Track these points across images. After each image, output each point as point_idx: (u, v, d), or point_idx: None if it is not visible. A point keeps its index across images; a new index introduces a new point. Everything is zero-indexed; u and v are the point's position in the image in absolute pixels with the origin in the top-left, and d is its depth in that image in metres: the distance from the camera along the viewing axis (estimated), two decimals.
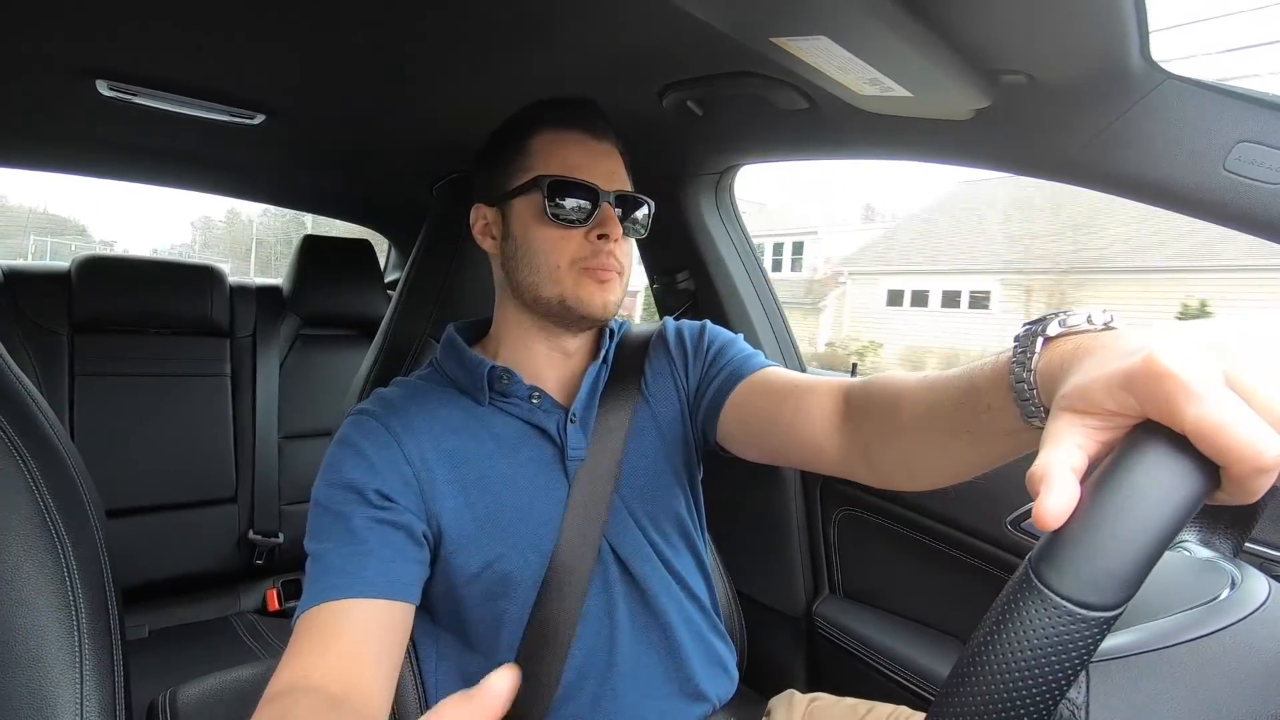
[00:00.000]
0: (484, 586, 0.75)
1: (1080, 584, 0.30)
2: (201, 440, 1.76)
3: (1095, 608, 0.29)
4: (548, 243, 0.78)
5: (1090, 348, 0.38)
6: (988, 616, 0.32)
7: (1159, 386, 0.30)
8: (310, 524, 0.71)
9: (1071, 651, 0.29)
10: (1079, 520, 0.31)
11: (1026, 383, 0.43)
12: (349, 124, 1.32)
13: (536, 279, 0.78)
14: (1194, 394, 0.29)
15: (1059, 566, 0.30)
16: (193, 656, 1.55)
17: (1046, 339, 0.42)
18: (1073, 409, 0.35)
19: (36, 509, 0.61)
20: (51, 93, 1.17)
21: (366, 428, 0.74)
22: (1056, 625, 0.29)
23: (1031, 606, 0.30)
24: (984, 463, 0.55)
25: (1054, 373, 0.40)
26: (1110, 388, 0.33)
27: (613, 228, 0.78)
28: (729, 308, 1.36)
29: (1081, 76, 0.71)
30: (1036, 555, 0.31)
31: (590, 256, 0.77)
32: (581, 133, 0.80)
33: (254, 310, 1.87)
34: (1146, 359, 0.31)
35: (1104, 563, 0.30)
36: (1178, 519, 0.30)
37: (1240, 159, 0.69)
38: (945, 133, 0.88)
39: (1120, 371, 0.33)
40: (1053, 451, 0.34)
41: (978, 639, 0.31)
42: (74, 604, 0.60)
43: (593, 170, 0.78)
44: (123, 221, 42.49)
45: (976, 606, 0.36)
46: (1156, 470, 0.30)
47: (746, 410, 0.79)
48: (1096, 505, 0.31)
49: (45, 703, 0.56)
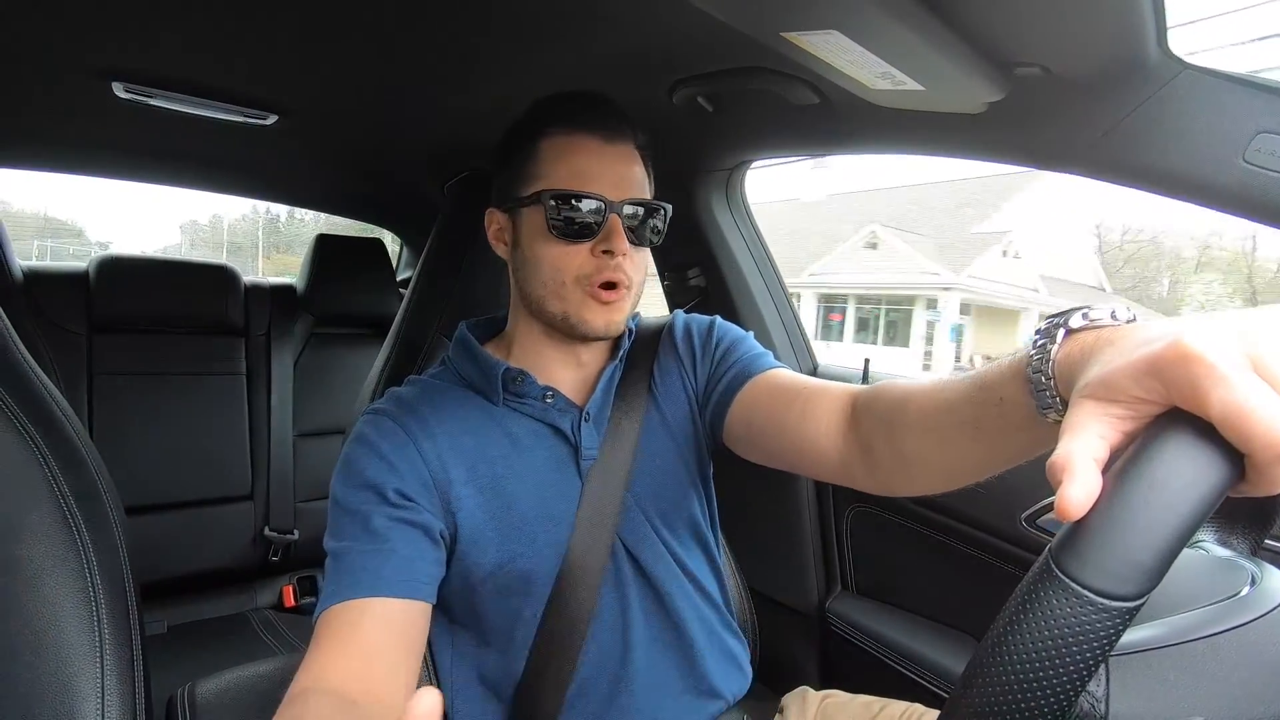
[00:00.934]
0: (499, 585, 0.75)
1: (1103, 573, 0.29)
2: (218, 438, 1.78)
3: (1117, 598, 0.29)
4: (551, 258, 0.75)
5: (1111, 338, 0.38)
6: (1007, 606, 0.32)
7: (1186, 370, 0.30)
8: (330, 522, 0.71)
9: (1093, 641, 0.29)
10: (1101, 509, 0.31)
11: (1044, 372, 0.42)
12: (361, 124, 1.32)
13: (543, 293, 0.76)
14: (1221, 377, 0.29)
15: (1081, 556, 0.30)
16: (211, 652, 1.57)
17: (1069, 330, 0.42)
18: (1095, 397, 0.34)
19: (57, 506, 0.62)
20: (68, 95, 1.18)
21: (383, 427, 0.75)
22: (1078, 615, 0.29)
23: (1053, 596, 0.30)
24: (989, 463, 0.54)
25: (1074, 363, 0.40)
26: (1136, 373, 0.33)
27: (618, 243, 0.74)
28: (740, 304, 1.36)
29: (1098, 68, 0.70)
30: (1058, 545, 0.31)
31: (595, 273, 0.74)
32: (592, 135, 0.76)
33: (269, 309, 1.88)
34: (1174, 343, 0.31)
35: (1126, 552, 0.29)
36: (1202, 509, 0.30)
37: (1260, 150, 0.67)
38: (958, 126, 0.87)
39: (1146, 356, 0.32)
40: (1074, 440, 0.33)
41: (997, 629, 0.31)
42: (94, 600, 0.61)
43: (601, 178, 0.75)
44: (116, 224, 43.15)
45: (991, 603, 0.36)
46: (1180, 458, 0.30)
47: (753, 411, 0.78)
48: (1119, 494, 0.30)
49: (68, 697, 0.57)
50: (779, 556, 1.31)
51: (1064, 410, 0.40)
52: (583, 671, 0.77)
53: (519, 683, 0.76)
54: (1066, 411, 0.36)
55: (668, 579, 0.81)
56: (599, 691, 0.77)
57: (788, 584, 1.30)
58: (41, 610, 0.59)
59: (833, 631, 1.24)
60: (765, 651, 1.02)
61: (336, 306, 1.94)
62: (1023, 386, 0.45)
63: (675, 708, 0.80)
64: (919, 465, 0.61)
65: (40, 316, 1.61)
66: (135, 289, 1.71)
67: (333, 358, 1.96)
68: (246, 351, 1.85)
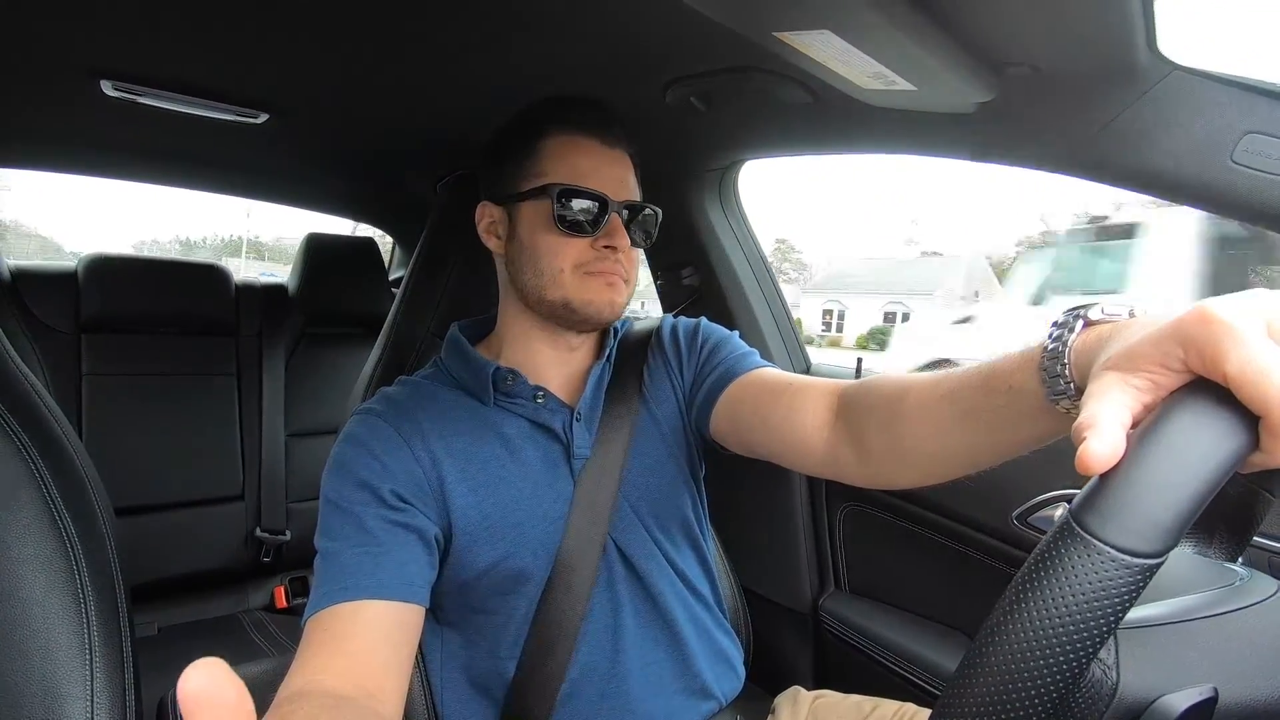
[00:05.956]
0: (491, 584, 0.75)
1: (1124, 530, 0.30)
2: (209, 438, 1.76)
3: (1139, 554, 0.30)
4: (553, 248, 0.77)
5: (1130, 324, 0.39)
6: (1025, 567, 0.32)
7: (1207, 330, 0.31)
8: (322, 521, 0.71)
9: (1114, 598, 0.30)
10: (1123, 469, 0.31)
11: (1060, 359, 0.43)
12: (352, 123, 1.32)
13: (540, 282, 0.78)
14: (1239, 339, 0.30)
15: (1102, 513, 0.31)
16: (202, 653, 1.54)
17: (1088, 321, 0.43)
18: (1118, 368, 0.35)
19: (45, 508, 0.62)
20: (57, 93, 1.17)
21: (375, 428, 0.74)
22: (1100, 571, 0.30)
23: (1074, 553, 0.30)
24: (992, 451, 0.54)
25: (1090, 350, 0.41)
26: (1159, 339, 0.34)
27: (620, 239, 0.77)
28: (733, 303, 1.36)
29: (1087, 68, 0.71)
30: (1078, 504, 0.32)
31: (593, 261, 0.77)
32: (593, 139, 0.80)
33: (260, 309, 1.87)
34: (1197, 309, 0.32)
35: (1148, 510, 0.30)
36: (1220, 471, 0.31)
37: (1248, 150, 0.68)
38: (949, 126, 0.87)
39: (1170, 323, 0.34)
40: (1099, 403, 0.34)
41: (1014, 589, 0.32)
42: (84, 602, 0.61)
43: (603, 178, 0.78)
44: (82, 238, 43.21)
45: (982, 601, 0.36)
46: (1201, 422, 0.31)
47: (738, 408, 0.79)
48: (1141, 453, 0.31)
49: (56, 699, 0.57)
50: (772, 555, 1.31)
51: (1076, 398, 0.41)
52: (574, 671, 0.76)
53: (510, 682, 0.76)
54: (1088, 386, 0.37)
55: (660, 579, 0.81)
56: (590, 691, 0.77)
57: (780, 582, 1.30)
58: (30, 612, 0.58)
59: (826, 630, 1.24)
60: (758, 650, 1.03)
61: (329, 306, 1.93)
62: (1035, 375, 0.45)
63: (667, 708, 0.80)
64: (914, 454, 0.61)
65: (28, 316, 1.60)
66: (124, 288, 1.69)
67: (324, 357, 1.95)
68: (237, 351, 1.83)
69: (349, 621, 0.63)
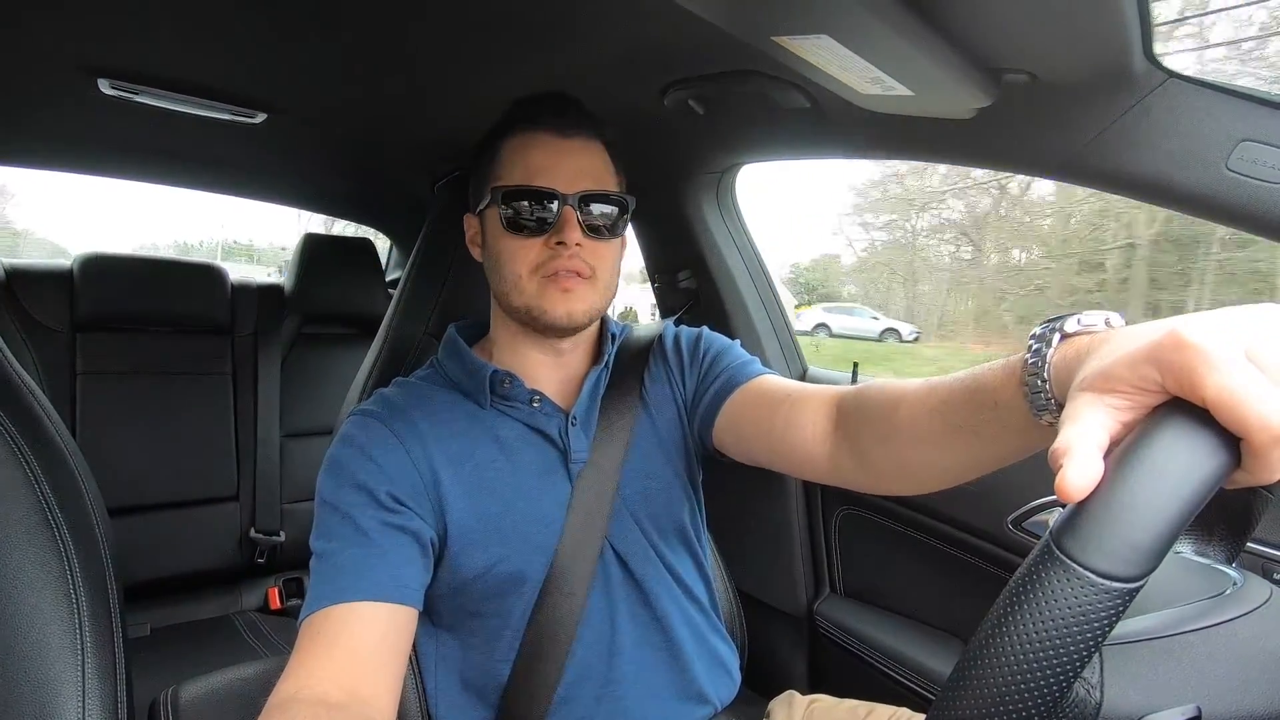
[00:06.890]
0: (487, 588, 0.75)
1: (1103, 554, 0.30)
2: (203, 439, 1.75)
3: (1118, 578, 0.30)
4: (509, 253, 0.76)
5: (1107, 338, 0.39)
6: (1006, 589, 0.32)
7: (1182, 357, 0.31)
8: (317, 522, 0.70)
9: (1093, 622, 0.29)
10: (1101, 493, 0.31)
11: (1040, 375, 0.43)
12: (350, 123, 1.32)
13: (505, 289, 0.78)
14: (1215, 364, 0.30)
15: (1081, 538, 0.30)
16: (194, 655, 1.55)
17: (1064, 335, 0.43)
18: (1094, 388, 0.35)
19: (38, 507, 0.61)
20: (54, 91, 1.17)
21: (371, 429, 0.74)
22: (1079, 596, 0.29)
23: (1054, 577, 0.30)
24: (984, 463, 0.55)
25: (1069, 364, 0.41)
26: (1134, 362, 0.34)
27: (569, 233, 0.74)
28: (730, 307, 1.36)
29: (1084, 76, 0.71)
30: (1058, 527, 0.32)
31: (549, 262, 0.75)
32: (548, 131, 0.77)
33: (255, 308, 1.86)
34: (1170, 333, 0.32)
35: (1126, 534, 0.30)
36: (1200, 493, 0.30)
37: (1243, 158, 0.68)
38: (947, 132, 0.88)
39: (1144, 346, 0.33)
40: (1074, 427, 0.34)
41: (996, 611, 0.31)
42: (76, 602, 0.60)
43: (556, 172, 0.75)
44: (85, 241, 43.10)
45: (977, 606, 0.36)
46: (1179, 443, 0.31)
47: (740, 418, 0.79)
48: (1119, 477, 0.31)
49: (47, 700, 0.56)
50: (768, 559, 1.31)
51: (1058, 413, 0.41)
52: (569, 675, 0.76)
53: (505, 686, 0.76)
54: (1065, 406, 0.37)
55: (656, 583, 0.81)
56: (585, 696, 0.77)
57: (776, 586, 1.30)
58: (21, 611, 0.58)
59: (821, 634, 1.24)
60: (753, 655, 1.02)
61: (324, 306, 1.93)
62: (1018, 390, 0.46)
63: (663, 713, 0.80)
64: (911, 467, 0.61)
65: (22, 314, 1.59)
66: (119, 287, 1.68)
67: (320, 358, 1.94)
68: (233, 351, 1.82)
69: (343, 624, 0.63)
